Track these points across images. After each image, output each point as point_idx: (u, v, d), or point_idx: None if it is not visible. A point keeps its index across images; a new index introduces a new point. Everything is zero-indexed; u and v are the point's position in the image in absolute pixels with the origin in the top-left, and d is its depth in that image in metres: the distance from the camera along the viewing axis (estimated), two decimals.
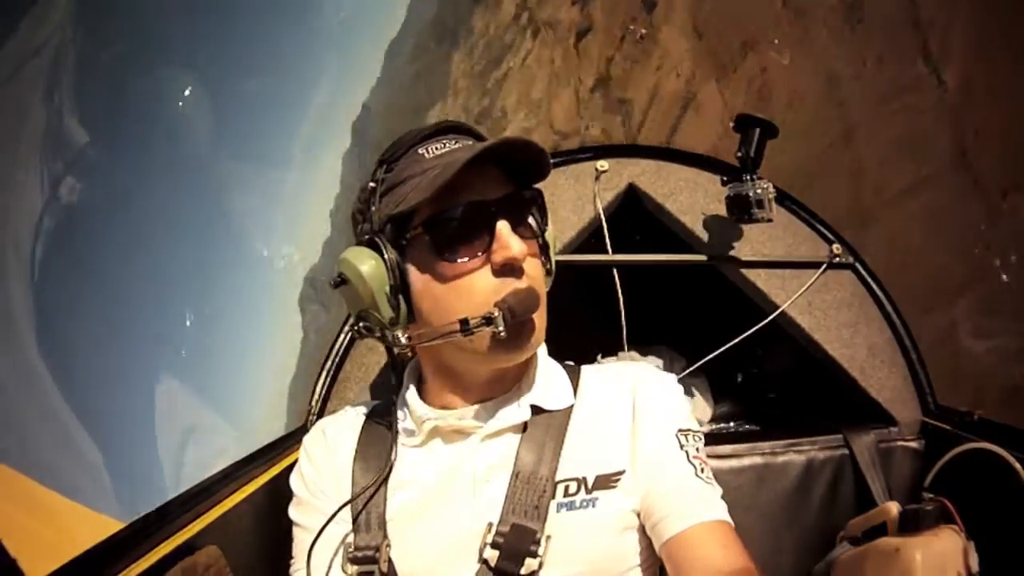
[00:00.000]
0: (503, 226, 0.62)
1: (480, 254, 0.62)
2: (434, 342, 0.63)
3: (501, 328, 0.59)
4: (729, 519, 0.62)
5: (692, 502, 0.62)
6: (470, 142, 0.66)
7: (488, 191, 0.63)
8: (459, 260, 0.62)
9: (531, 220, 0.67)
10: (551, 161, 0.65)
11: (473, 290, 0.62)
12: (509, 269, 0.62)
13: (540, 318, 0.65)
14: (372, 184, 0.66)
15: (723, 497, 0.64)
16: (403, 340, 0.64)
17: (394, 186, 0.64)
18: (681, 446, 0.66)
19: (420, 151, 0.64)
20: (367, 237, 0.65)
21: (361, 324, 0.65)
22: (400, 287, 0.63)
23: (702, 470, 0.65)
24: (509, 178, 0.65)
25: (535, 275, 0.65)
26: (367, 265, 0.62)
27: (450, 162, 0.60)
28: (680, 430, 0.68)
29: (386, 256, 0.62)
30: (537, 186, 0.68)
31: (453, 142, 0.65)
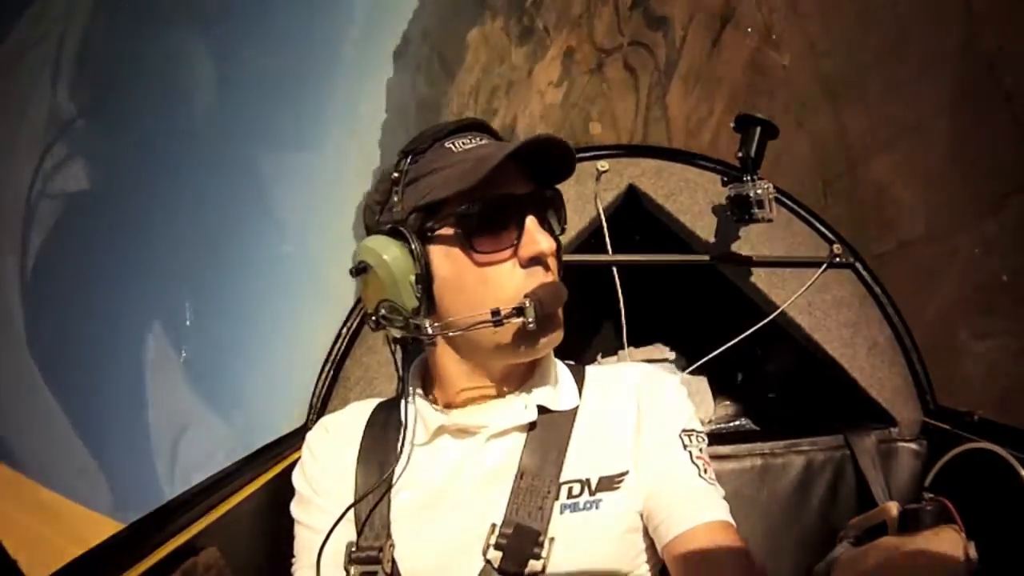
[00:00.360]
0: (531, 221, 0.63)
1: (509, 247, 0.63)
2: (462, 332, 0.63)
3: (531, 319, 0.60)
4: (731, 519, 0.62)
5: (695, 503, 0.62)
6: (490, 140, 0.68)
7: (516, 187, 0.64)
8: (489, 252, 0.62)
9: (552, 219, 0.68)
10: (574, 161, 0.66)
11: (502, 282, 0.62)
12: (537, 263, 0.63)
13: (561, 313, 0.66)
14: (396, 174, 0.65)
15: (724, 498, 0.65)
16: (428, 330, 0.63)
17: (419, 177, 0.64)
18: (684, 447, 0.67)
19: (447, 145, 0.65)
20: (388, 227, 0.64)
21: (381, 314, 0.64)
22: (424, 277, 0.63)
23: (705, 471, 0.65)
24: (532, 176, 0.67)
25: (557, 270, 0.67)
26: (391, 253, 0.62)
27: (483, 156, 0.61)
28: (684, 431, 0.68)
29: (412, 245, 0.62)
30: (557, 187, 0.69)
31: (479, 139, 0.66)
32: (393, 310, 0.64)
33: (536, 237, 0.62)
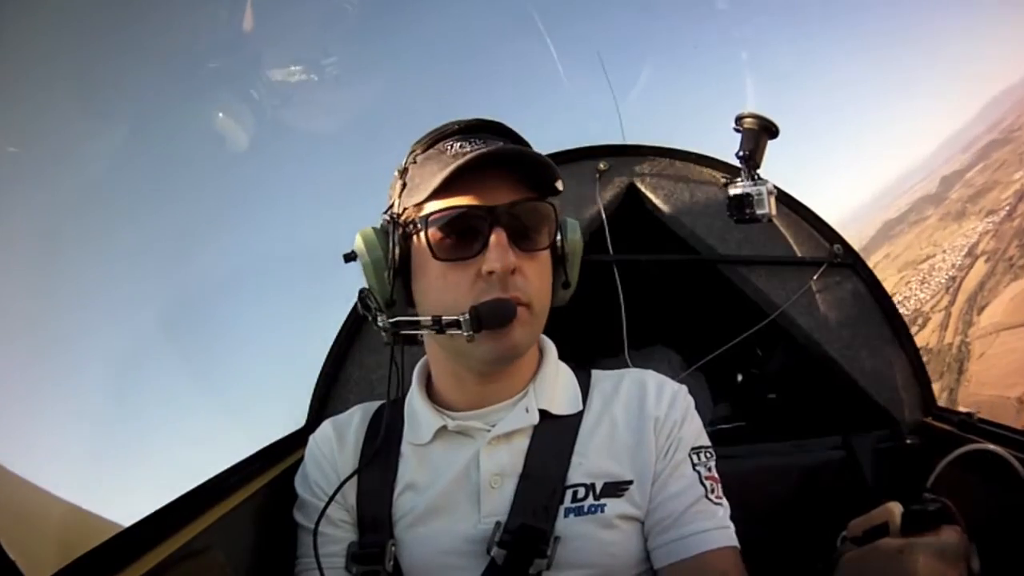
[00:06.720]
0: (496, 236, 0.60)
1: (471, 258, 0.62)
2: (409, 331, 0.65)
3: (469, 332, 0.59)
4: (735, 543, 0.63)
5: (700, 529, 0.62)
6: (500, 143, 0.64)
7: (495, 196, 0.62)
8: (449, 260, 0.62)
9: (536, 231, 0.64)
10: (555, 170, 0.63)
11: (455, 291, 0.62)
12: (495, 278, 0.61)
13: (524, 331, 0.63)
14: (401, 168, 0.68)
15: (730, 516, 0.65)
16: (388, 321, 0.65)
17: (415, 174, 0.65)
18: (694, 466, 0.67)
19: (447, 144, 0.64)
20: (384, 219, 0.67)
21: (362, 302, 0.66)
22: (400, 272, 0.65)
23: (712, 490, 0.66)
24: (523, 184, 0.64)
25: (532, 286, 0.63)
26: (371, 245, 0.65)
27: (454, 163, 0.59)
28: (694, 448, 0.68)
29: (391, 240, 0.64)
30: (552, 199, 0.66)
31: (480, 142, 0.64)
32: (370, 300, 0.65)
33: (494, 253, 0.60)
